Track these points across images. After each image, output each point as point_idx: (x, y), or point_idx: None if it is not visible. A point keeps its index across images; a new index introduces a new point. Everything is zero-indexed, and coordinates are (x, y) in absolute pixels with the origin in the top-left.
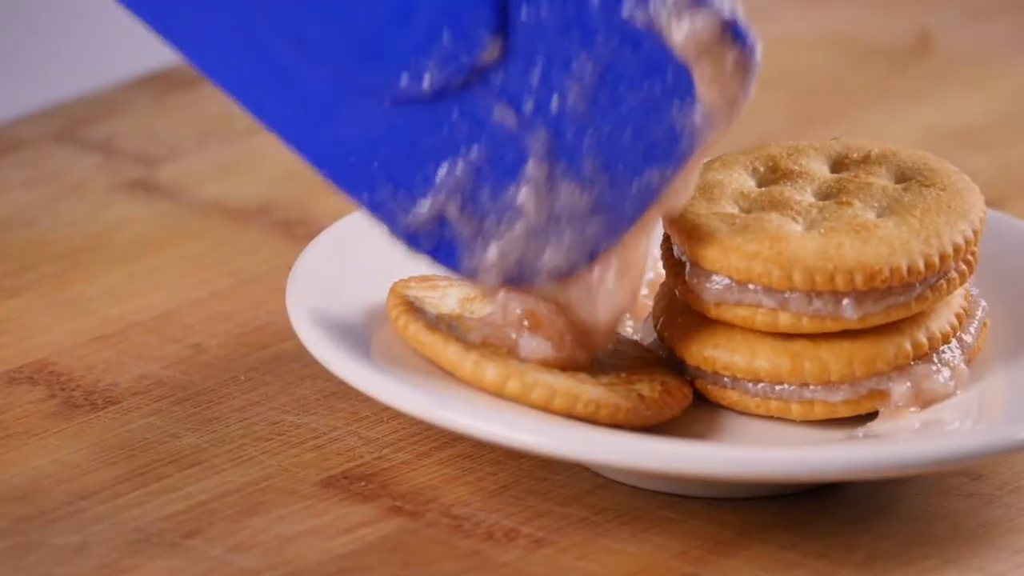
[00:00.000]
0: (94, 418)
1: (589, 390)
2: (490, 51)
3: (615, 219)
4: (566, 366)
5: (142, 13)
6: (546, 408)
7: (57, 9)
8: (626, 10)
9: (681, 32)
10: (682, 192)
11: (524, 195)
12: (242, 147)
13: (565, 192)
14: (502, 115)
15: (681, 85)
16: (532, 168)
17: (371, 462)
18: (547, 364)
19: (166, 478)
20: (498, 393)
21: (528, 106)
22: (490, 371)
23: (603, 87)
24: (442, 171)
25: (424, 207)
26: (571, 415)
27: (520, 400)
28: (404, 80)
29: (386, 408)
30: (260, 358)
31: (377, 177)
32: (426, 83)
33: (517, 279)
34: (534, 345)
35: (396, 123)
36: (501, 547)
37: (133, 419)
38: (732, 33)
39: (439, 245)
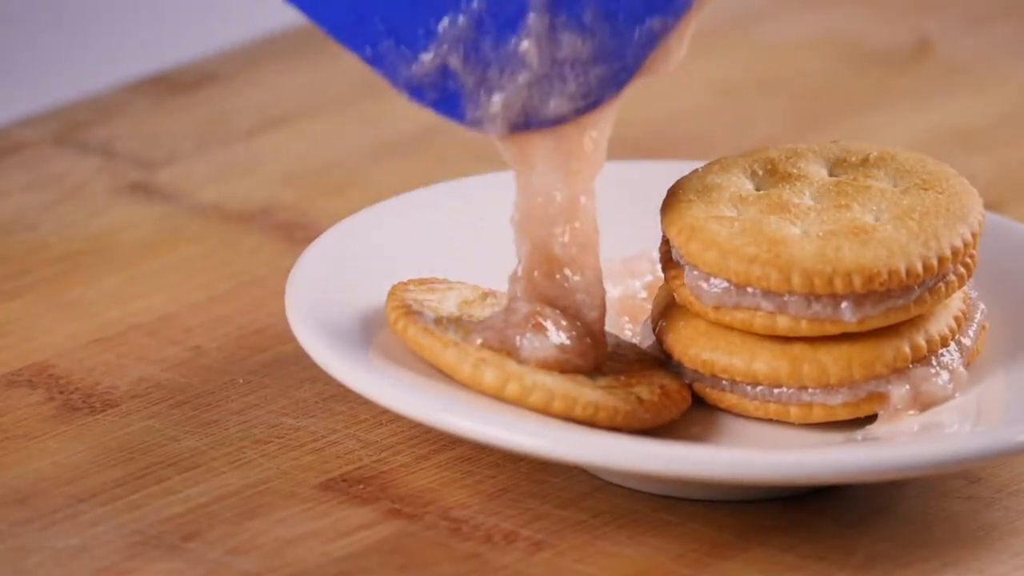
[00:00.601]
0: (93, 421)
1: (588, 393)
2: None
3: (618, 67)
4: (566, 369)
5: None
6: (545, 411)
7: (57, 12)
8: None
9: None
10: (675, 51)
11: (526, 45)
12: (242, 150)
13: (567, 41)
14: None
15: None
16: (533, 18)
17: (370, 465)
18: (548, 366)
19: (165, 481)
20: (497, 396)
21: None
22: (489, 374)
23: None
24: (443, 23)
25: (427, 59)
26: (570, 418)
27: (519, 403)
28: None
29: (385, 411)
30: (259, 361)
31: (378, 31)
32: None
33: (523, 126)
34: (537, 344)
35: None
36: (500, 550)
37: (132, 422)
38: None
39: (443, 96)
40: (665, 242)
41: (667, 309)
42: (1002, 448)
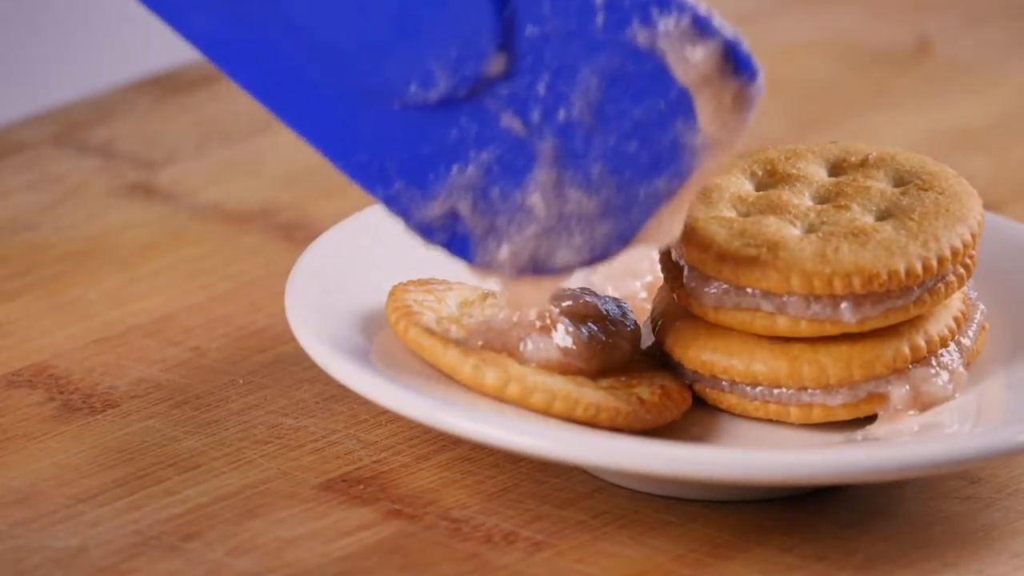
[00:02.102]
0: (93, 421)
1: (589, 393)
2: (495, 64)
3: (624, 223)
4: (569, 372)
5: (159, 10)
6: (546, 412)
7: (57, 12)
8: (631, 30)
9: (684, 64)
10: (669, 224)
11: (534, 198)
12: (242, 151)
13: (574, 196)
14: (510, 122)
15: (684, 104)
16: (541, 173)
17: (370, 465)
18: (550, 368)
19: (165, 481)
20: (498, 397)
21: (535, 115)
22: (490, 375)
23: (608, 100)
24: (453, 172)
25: (436, 204)
26: (571, 419)
27: (520, 404)
28: (413, 88)
29: (385, 411)
30: (259, 361)
31: (389, 175)
32: (433, 92)
33: (530, 273)
34: (542, 346)
35: (407, 125)
36: (500, 550)
37: (132, 422)
38: (735, 62)
39: (453, 239)
40: None
41: (667, 310)
42: (1002, 448)
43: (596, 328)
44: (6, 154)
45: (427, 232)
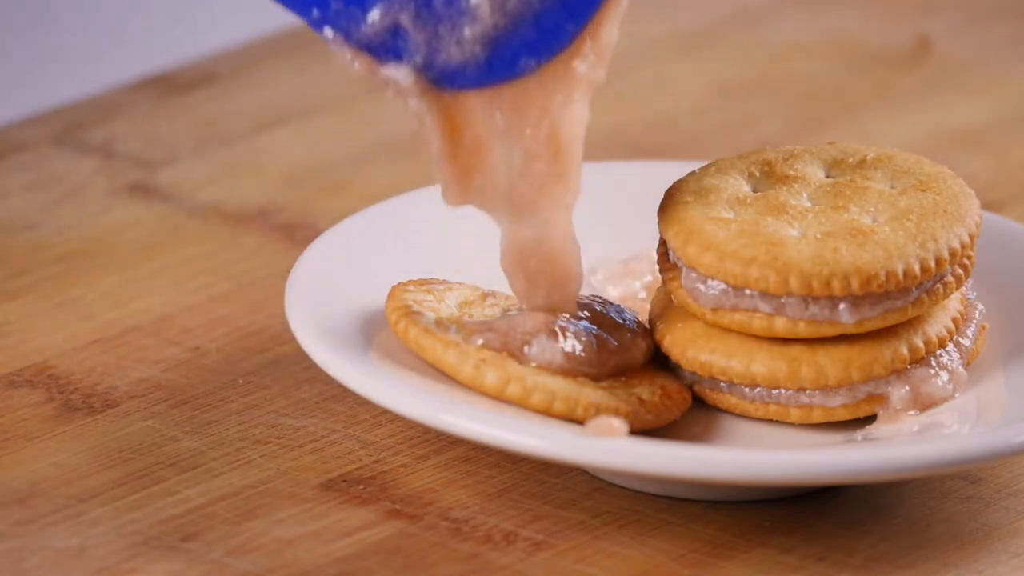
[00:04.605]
0: (93, 421)
1: (588, 393)
2: None
3: (569, 17)
4: (570, 375)
5: None
6: (546, 412)
7: (57, 12)
8: None
9: None
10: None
11: None
12: (241, 151)
13: None
14: None
15: None
16: None
17: (370, 465)
18: (552, 371)
19: (165, 481)
20: (498, 397)
21: None
22: (490, 375)
23: None
24: None
25: (376, 17)
26: (571, 419)
27: (520, 404)
28: None
29: (385, 411)
30: (259, 361)
31: None
32: None
33: (483, 80)
34: (547, 349)
35: None
36: (500, 550)
37: (132, 422)
38: None
39: (393, 54)
40: (663, 244)
41: (665, 310)
42: (1002, 448)
43: (607, 335)
44: (6, 154)
45: (367, 50)
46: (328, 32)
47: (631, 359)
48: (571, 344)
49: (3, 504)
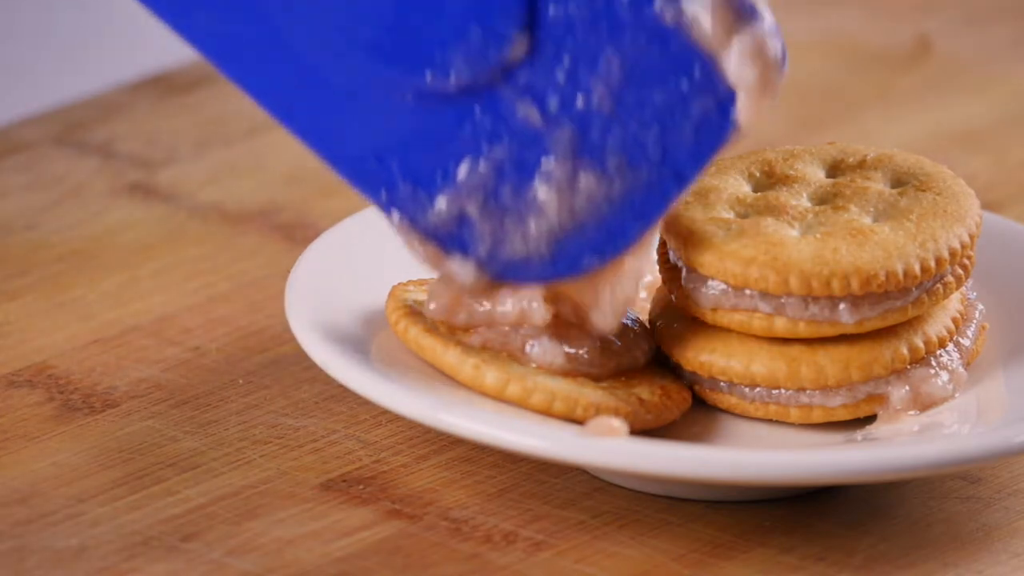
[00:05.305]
0: (93, 421)
1: (588, 393)
2: (517, 48)
3: (636, 219)
4: (571, 375)
5: (161, 12)
6: (546, 412)
7: (57, 12)
8: (656, 6)
9: (707, 18)
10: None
11: (545, 193)
12: (241, 151)
13: (587, 189)
14: (526, 113)
15: (708, 82)
16: (555, 165)
17: (370, 465)
18: (552, 371)
19: (165, 481)
20: (498, 397)
21: (553, 104)
22: (490, 375)
23: (629, 85)
24: (463, 169)
25: (443, 205)
26: (571, 419)
27: (520, 404)
28: (429, 77)
29: (385, 411)
30: (259, 361)
31: (395, 176)
32: (452, 80)
33: (548, 277)
34: (548, 350)
35: (417, 121)
36: (500, 550)
37: (132, 422)
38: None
39: (458, 243)
40: (663, 244)
41: (665, 310)
42: (1002, 449)
43: (610, 336)
44: (6, 154)
45: (432, 238)
46: (395, 216)
47: (632, 360)
48: (574, 345)
49: (3, 504)
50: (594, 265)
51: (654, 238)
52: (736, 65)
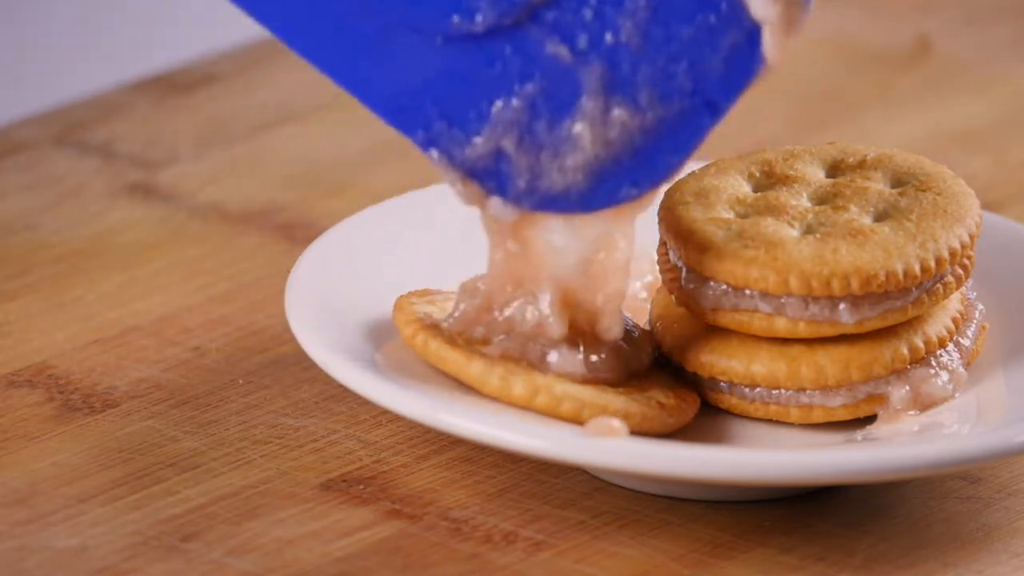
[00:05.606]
0: (93, 421)
1: (615, 400)
2: None
3: (672, 150)
4: (590, 382)
5: None
6: (575, 420)
7: (57, 12)
8: None
9: None
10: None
11: (580, 128)
12: (242, 150)
13: (620, 122)
14: (556, 50)
15: (735, 16)
16: (587, 100)
17: (370, 465)
18: (572, 379)
19: (165, 481)
20: (526, 407)
21: (582, 41)
22: (518, 386)
23: (656, 21)
24: (497, 107)
25: (480, 142)
26: None
27: (549, 414)
28: (455, 19)
29: (385, 411)
30: (259, 361)
31: (431, 115)
32: (478, 22)
33: (589, 207)
34: (568, 359)
35: (448, 61)
36: (500, 550)
37: (132, 422)
38: None
39: (496, 177)
40: (663, 244)
41: (665, 311)
42: (1002, 449)
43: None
44: (6, 154)
45: (470, 173)
46: (434, 153)
47: (639, 363)
48: (590, 352)
49: (3, 504)
50: (632, 196)
51: (684, 171)
52: (760, 2)
